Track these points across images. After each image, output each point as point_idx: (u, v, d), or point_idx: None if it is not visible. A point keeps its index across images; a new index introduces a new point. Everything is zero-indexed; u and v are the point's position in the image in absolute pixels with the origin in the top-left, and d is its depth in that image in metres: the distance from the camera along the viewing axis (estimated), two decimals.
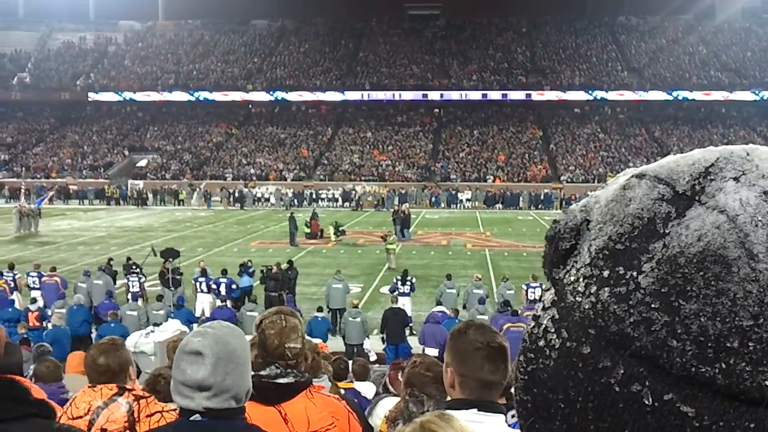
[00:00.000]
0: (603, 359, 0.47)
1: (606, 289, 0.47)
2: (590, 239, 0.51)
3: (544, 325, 0.52)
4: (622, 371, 0.46)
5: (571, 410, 0.48)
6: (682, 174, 0.49)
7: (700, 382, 0.43)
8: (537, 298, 14.96)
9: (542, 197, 47.01)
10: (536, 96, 64.28)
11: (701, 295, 0.44)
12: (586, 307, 0.48)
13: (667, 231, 0.47)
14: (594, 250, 0.50)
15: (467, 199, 48.93)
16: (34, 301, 15.53)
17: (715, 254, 0.44)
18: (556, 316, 0.51)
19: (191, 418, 2.06)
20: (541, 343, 0.51)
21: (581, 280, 0.49)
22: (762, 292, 0.42)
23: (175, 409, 3.32)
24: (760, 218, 0.44)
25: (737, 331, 0.42)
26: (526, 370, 0.52)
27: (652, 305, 0.45)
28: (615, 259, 0.48)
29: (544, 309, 0.53)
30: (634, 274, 0.46)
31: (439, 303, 15.52)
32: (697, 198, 0.47)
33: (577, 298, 0.49)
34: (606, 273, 0.48)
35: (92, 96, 68.08)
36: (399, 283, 17.63)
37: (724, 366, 0.42)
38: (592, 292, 0.48)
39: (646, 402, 0.44)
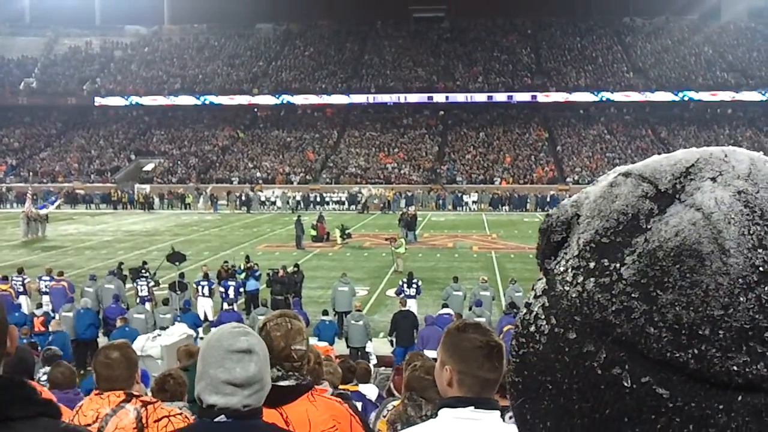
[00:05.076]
0: (587, 344, 0.49)
1: (591, 279, 0.50)
2: (579, 233, 0.53)
3: (535, 312, 0.54)
4: (604, 355, 0.48)
5: (558, 391, 0.51)
6: (664, 173, 0.52)
7: (674, 366, 0.46)
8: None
9: (549, 199, 46.71)
10: (542, 97, 64.22)
11: (677, 287, 0.46)
12: (573, 295, 0.51)
13: (648, 226, 0.49)
14: (582, 242, 0.52)
15: (473, 202, 48.85)
16: (39, 306, 15.61)
17: (690, 249, 0.47)
18: (546, 304, 0.53)
19: (216, 419, 2.07)
20: (532, 328, 0.54)
21: (570, 270, 0.52)
22: (732, 285, 0.45)
23: (180, 413, 3.37)
24: (732, 216, 0.47)
25: (708, 320, 0.45)
26: (518, 353, 0.55)
27: (632, 295, 0.47)
28: (600, 251, 0.51)
29: (535, 297, 0.55)
30: (617, 265, 0.49)
31: (445, 305, 15.50)
32: (677, 196, 0.50)
33: (566, 288, 0.52)
34: (592, 264, 0.51)
35: (99, 101, 68.28)
36: (405, 285, 17.63)
37: (696, 352, 0.45)
38: (579, 282, 0.51)
39: (626, 384, 0.47)
